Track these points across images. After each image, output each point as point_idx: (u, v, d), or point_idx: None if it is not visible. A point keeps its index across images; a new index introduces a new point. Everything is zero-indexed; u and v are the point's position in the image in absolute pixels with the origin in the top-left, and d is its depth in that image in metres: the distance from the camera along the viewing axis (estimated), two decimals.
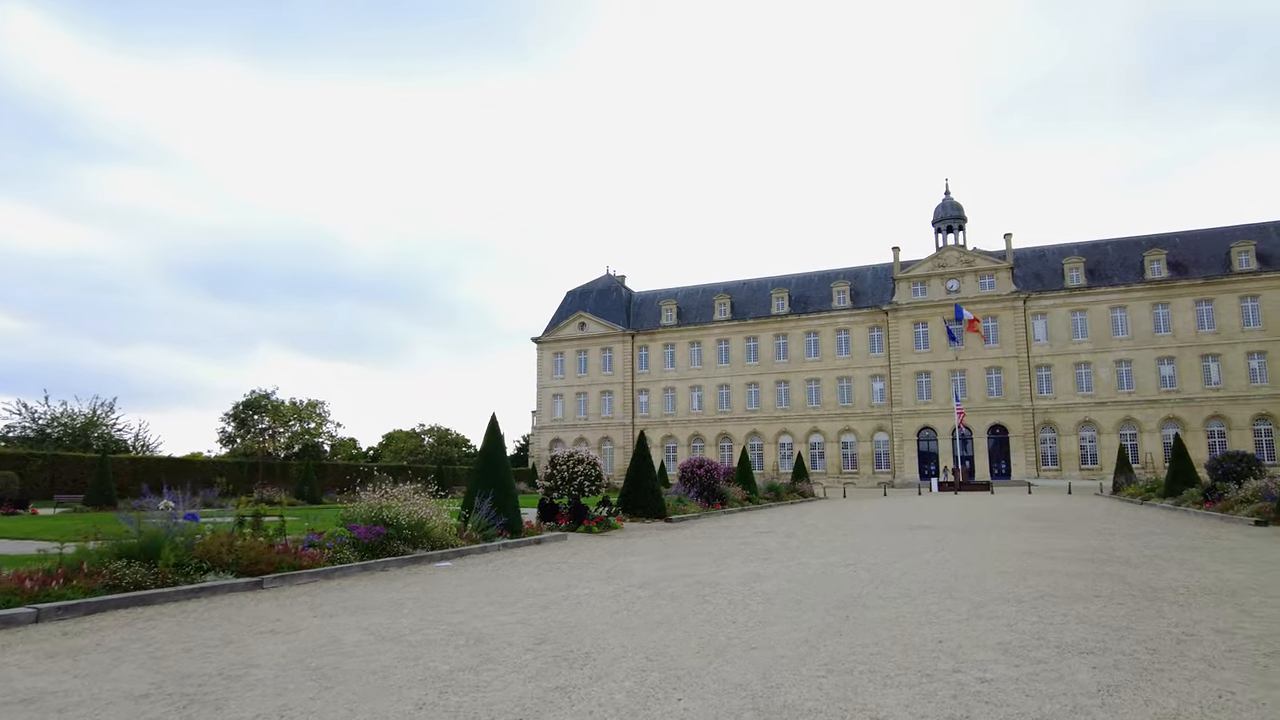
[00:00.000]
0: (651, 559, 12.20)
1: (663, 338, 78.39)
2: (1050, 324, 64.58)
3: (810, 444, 71.74)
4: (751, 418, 73.76)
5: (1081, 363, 63.30)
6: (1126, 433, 61.01)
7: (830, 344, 71.88)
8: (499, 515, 16.62)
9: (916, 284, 69.05)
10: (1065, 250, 67.36)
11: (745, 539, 15.79)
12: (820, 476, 68.76)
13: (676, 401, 77.15)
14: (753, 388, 74.41)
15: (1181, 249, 63.39)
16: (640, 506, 24.25)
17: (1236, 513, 19.53)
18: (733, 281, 79.80)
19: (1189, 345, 60.44)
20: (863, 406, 69.88)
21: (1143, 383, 61.27)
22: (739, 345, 75.34)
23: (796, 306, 73.90)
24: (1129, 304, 62.58)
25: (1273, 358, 58.29)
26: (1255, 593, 8.03)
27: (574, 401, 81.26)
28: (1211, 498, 22.98)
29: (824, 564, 10.97)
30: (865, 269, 74.41)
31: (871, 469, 69.30)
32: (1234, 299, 60.00)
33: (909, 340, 68.48)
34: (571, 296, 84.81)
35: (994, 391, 65.16)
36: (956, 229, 70.36)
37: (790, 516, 24.76)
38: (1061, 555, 11.62)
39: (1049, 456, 63.56)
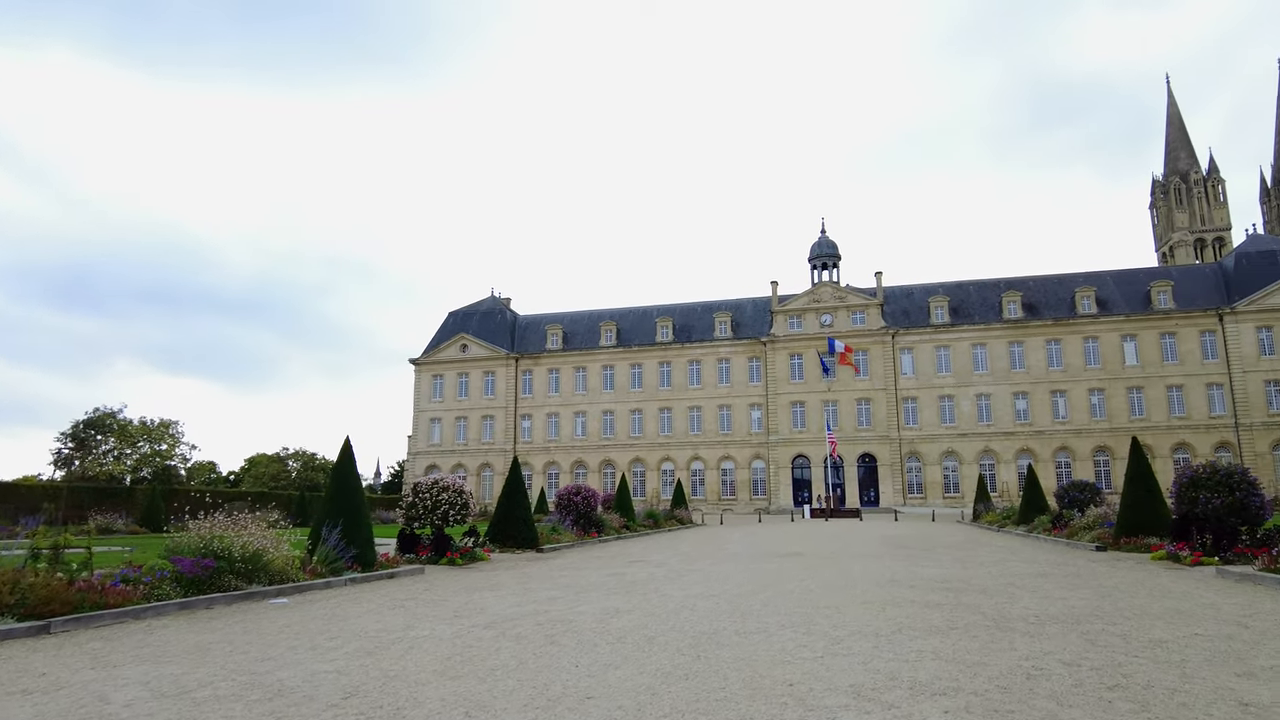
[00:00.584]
0: (509, 594, 11.43)
1: (548, 362, 77.38)
2: (917, 358, 67.83)
3: (691, 471, 72.21)
4: (635, 444, 73.65)
5: (945, 396, 66.69)
6: (985, 463, 64.54)
7: (712, 373, 72.89)
8: (349, 547, 15.38)
9: (793, 317, 71.14)
10: (931, 289, 71.14)
11: (614, 570, 15.21)
12: (700, 503, 69.22)
13: (560, 427, 76.12)
14: (637, 414, 74.40)
15: (1034, 291, 68.17)
16: (511, 537, 23.28)
17: (1080, 539, 20.58)
18: (619, 308, 79.89)
19: (1041, 381, 64.79)
20: (742, 434, 71.05)
21: (1000, 416, 65.13)
22: (624, 372, 75.28)
23: (680, 335, 74.66)
24: (988, 341, 66.59)
25: (1110, 395, 63.26)
26: (1098, 619, 8.13)
27: (453, 426, 78.80)
28: (1059, 524, 24.24)
29: (686, 596, 10.54)
30: (746, 301, 76.10)
31: (749, 496, 70.37)
32: (1078, 340, 64.89)
33: (785, 371, 70.32)
34: (454, 318, 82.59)
35: (864, 422, 67.64)
36: (831, 266, 73.13)
37: (665, 544, 24.40)
38: (922, 584, 11.66)
39: (915, 485, 66.38)
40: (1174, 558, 14.63)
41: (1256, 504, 14.24)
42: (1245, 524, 14.34)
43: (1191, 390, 62.08)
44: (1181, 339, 63.01)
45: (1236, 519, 14.29)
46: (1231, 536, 14.29)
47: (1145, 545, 16.80)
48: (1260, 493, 14.42)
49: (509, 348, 78.38)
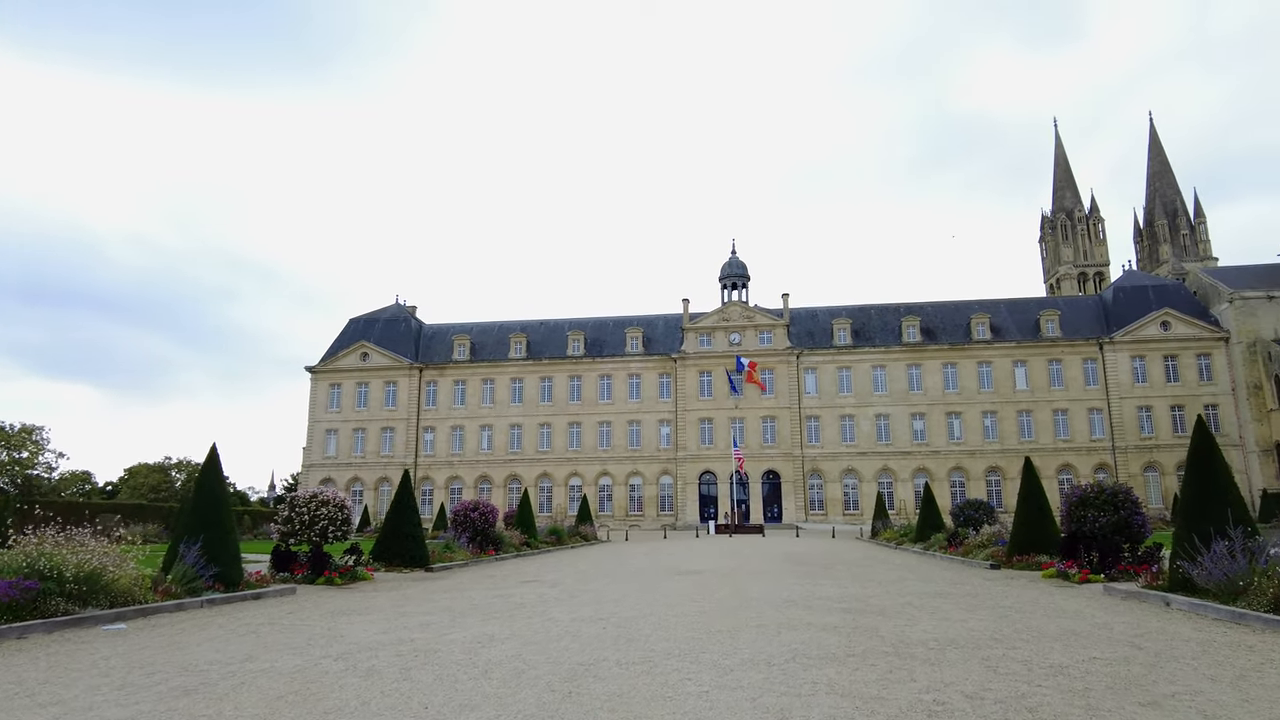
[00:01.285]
0: (378, 618, 10.39)
1: (454, 373, 75.22)
2: (820, 378, 69.16)
3: (600, 486, 71.34)
4: (543, 459, 72.26)
5: (846, 415, 68.17)
6: (884, 481, 66.17)
7: (623, 388, 72.40)
8: (210, 564, 13.95)
9: (703, 335, 71.54)
10: (835, 312, 72.82)
11: (503, 590, 14.28)
12: (607, 519, 68.42)
13: (465, 441, 73.96)
14: (545, 428, 73.08)
15: (932, 316, 70.65)
16: (399, 554, 21.92)
17: (975, 556, 20.83)
18: (529, 320, 78.58)
19: (937, 403, 67.03)
20: (651, 450, 70.72)
21: (898, 436, 66.98)
22: (533, 385, 73.90)
23: (592, 349, 73.92)
24: (888, 364, 68.53)
25: (1002, 417, 65.98)
26: (997, 644, 7.82)
27: (350, 438, 75.53)
28: (955, 542, 24.59)
29: (573, 620, 9.77)
30: (657, 318, 76.09)
31: (656, 511, 69.98)
32: (973, 364, 67.53)
33: (695, 388, 70.53)
34: (355, 325, 79.40)
35: (769, 439, 68.41)
36: (741, 286, 73.96)
37: (564, 562, 23.52)
38: (819, 605, 11.26)
39: (816, 501, 67.45)
40: (1064, 575, 14.79)
41: (1139, 522, 14.56)
42: (1128, 541, 14.64)
43: (1075, 414, 65.39)
44: (1067, 366, 66.39)
45: (1121, 537, 14.57)
46: (1116, 554, 14.55)
47: (1036, 563, 17.02)
48: (1141, 511, 14.77)
49: (413, 357, 75.86)
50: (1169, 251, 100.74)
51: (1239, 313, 64.09)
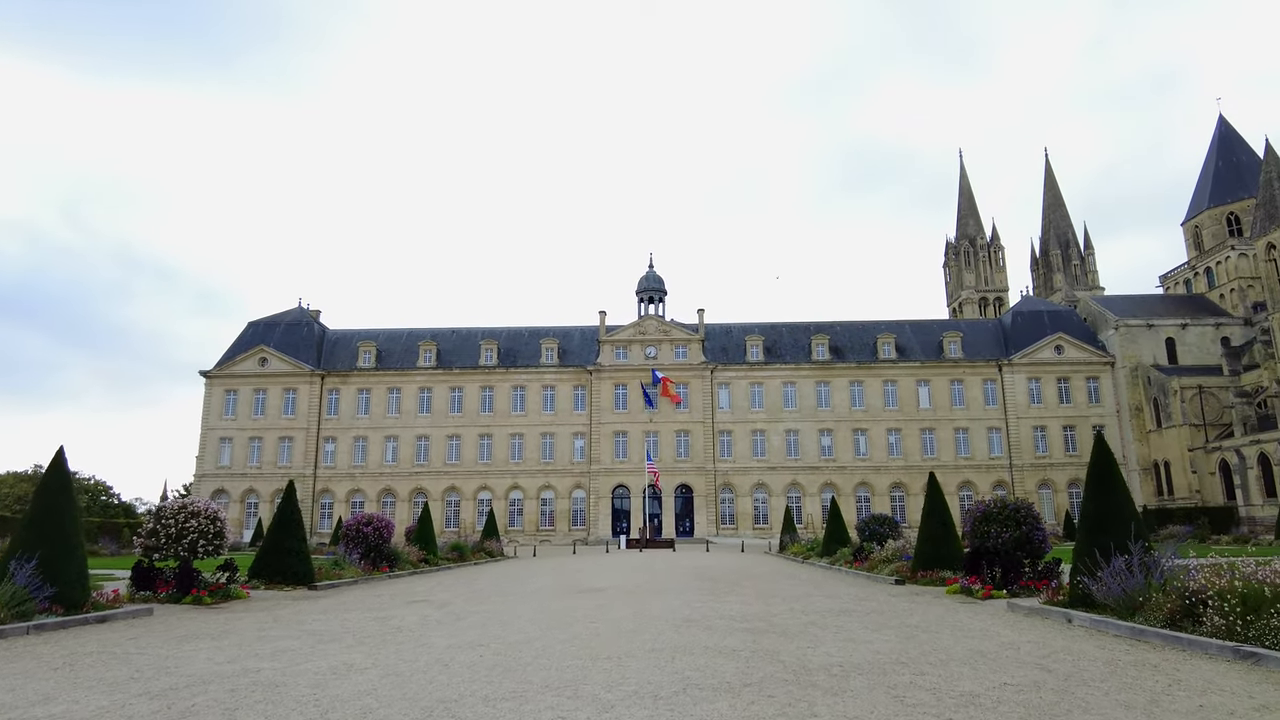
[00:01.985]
0: (232, 644, 9.20)
1: (358, 381, 72.28)
2: (733, 394, 69.58)
3: (510, 500, 69.64)
4: (451, 472, 70.03)
5: (758, 430, 68.72)
6: (793, 495, 66.89)
7: (537, 400, 71.05)
8: (47, 584, 12.37)
9: (619, 348, 71.01)
10: (748, 329, 73.52)
11: (386, 612, 13.15)
12: (517, 534, 66.82)
13: (368, 452, 71.03)
14: (454, 440, 70.92)
15: (841, 335, 72.14)
16: (280, 571, 20.35)
17: (880, 571, 20.75)
18: (440, 328, 76.33)
19: (844, 420, 68.30)
20: (564, 463, 69.53)
21: (807, 451, 67.90)
22: (443, 395, 71.67)
23: (505, 359, 72.32)
24: (798, 380, 69.51)
25: (906, 434, 67.73)
26: (904, 668, 7.33)
27: (246, 447, 71.53)
28: (860, 557, 24.58)
29: (450, 645, 8.84)
30: (574, 329, 75.17)
31: (568, 526, 68.77)
32: (879, 382, 69.17)
33: (610, 400, 69.85)
34: (254, 328, 75.45)
35: (682, 453, 68.30)
36: (658, 300, 73.86)
37: (462, 580, 22.32)
38: (720, 624, 10.64)
39: (728, 515, 67.62)
40: (967, 591, 14.67)
41: (1039, 538, 14.60)
42: (1029, 557, 14.65)
43: (975, 433, 67.70)
44: (968, 386, 68.75)
45: (1022, 552, 14.57)
46: (1017, 569, 14.53)
47: (941, 579, 16.95)
48: (1042, 527, 14.82)
49: (315, 364, 72.57)
50: (1062, 280, 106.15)
51: (1124, 339, 67.76)
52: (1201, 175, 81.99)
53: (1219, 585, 8.35)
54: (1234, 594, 8.03)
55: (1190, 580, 8.90)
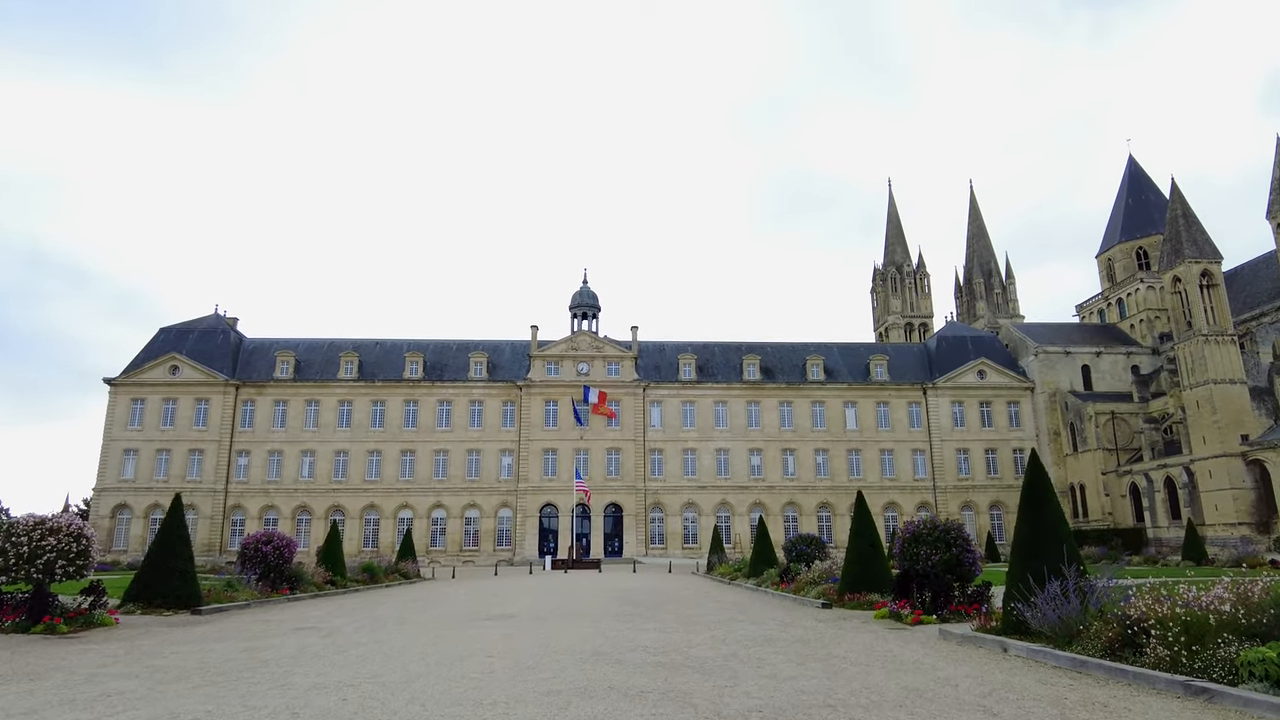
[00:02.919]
0: (51, 688, 7.78)
1: (274, 392, 68.96)
2: (665, 412, 68.94)
3: (433, 519, 67.21)
4: (370, 489, 67.23)
5: (689, 449, 68.16)
6: (722, 515, 66.42)
7: (463, 415, 68.95)
8: None
9: (551, 363, 69.68)
10: (681, 347, 73.15)
11: (262, 642, 11.73)
12: (439, 554, 64.52)
13: (283, 467, 67.67)
14: (375, 456, 68.19)
15: (771, 356, 72.39)
16: (161, 594, 18.55)
17: (806, 594, 20.11)
18: (364, 339, 73.63)
19: (774, 440, 68.33)
20: (490, 481, 67.54)
21: (737, 470, 67.62)
22: (364, 408, 68.93)
23: (432, 373, 70.09)
24: (729, 400, 69.32)
25: (833, 455, 68.12)
26: (833, 713, 6.49)
27: (152, 460, 67.31)
28: (787, 579, 23.96)
29: (313, 687, 7.63)
30: (504, 343, 73.52)
31: (493, 546, 66.69)
32: (807, 403, 69.51)
33: (540, 417, 68.35)
34: (166, 335, 71.39)
35: (613, 472, 67.19)
36: (591, 316, 72.88)
37: (365, 605, 20.77)
38: (633, 659, 9.66)
39: (657, 535, 66.69)
40: (896, 616, 14.06)
41: (970, 560, 14.12)
42: (959, 580, 14.15)
43: (900, 455, 68.55)
44: (893, 408, 69.68)
45: (952, 575, 14.05)
46: (947, 593, 13.99)
47: (869, 602, 16.35)
48: (973, 549, 14.35)
49: (230, 373, 69.02)
50: (984, 307, 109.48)
51: (1043, 365, 69.79)
52: (1113, 211, 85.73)
53: (1160, 613, 7.79)
54: (1177, 622, 7.47)
55: (1128, 606, 8.34)
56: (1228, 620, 6.96)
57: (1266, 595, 7.04)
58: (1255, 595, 7.04)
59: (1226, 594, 7.18)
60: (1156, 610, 7.77)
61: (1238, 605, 6.96)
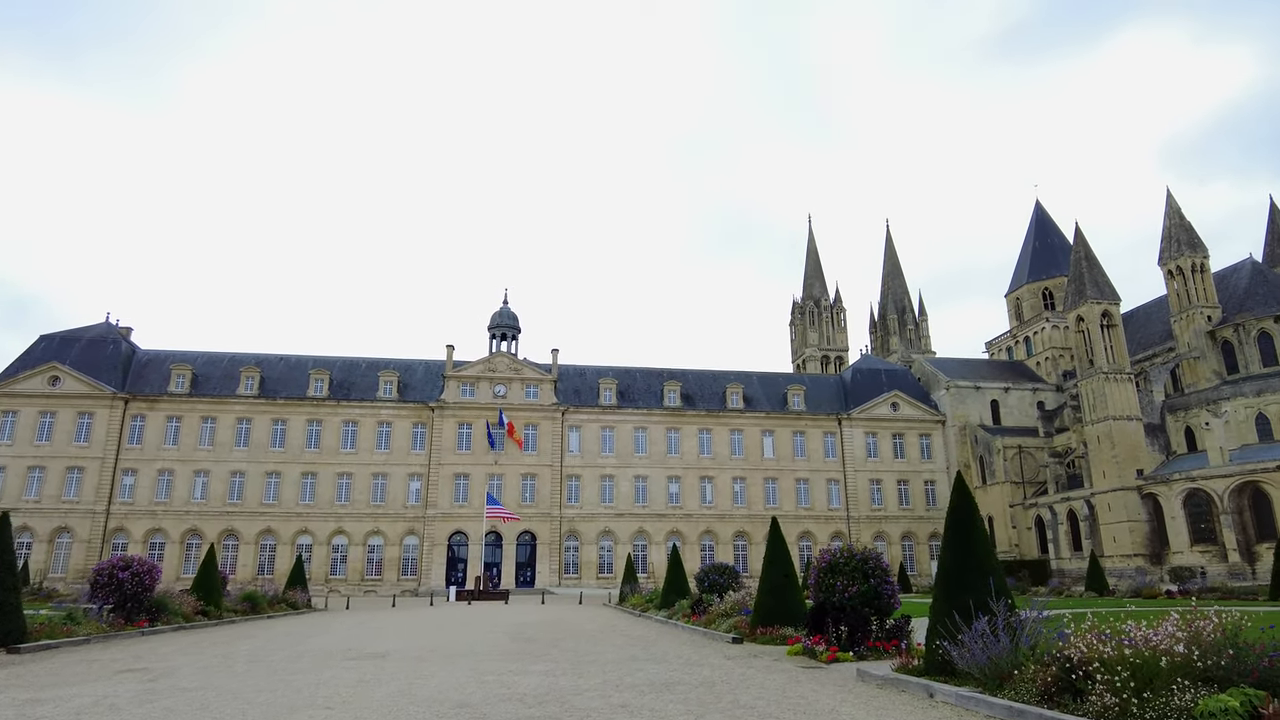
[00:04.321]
0: None
1: (167, 408, 64.34)
2: (584, 437, 67.38)
3: (333, 546, 63.51)
4: (267, 513, 63.14)
5: (607, 476, 66.67)
6: (639, 544, 65.01)
7: (370, 436, 65.75)
8: None
9: (466, 384, 67.34)
10: (602, 371, 71.92)
11: (60, 691, 9.77)
12: (340, 584, 61.01)
13: (174, 487, 62.93)
14: (273, 478, 64.19)
15: (692, 383, 71.87)
16: None
17: (718, 627, 18.97)
18: (267, 354, 69.74)
19: (692, 467, 67.53)
20: (396, 507, 64.39)
21: (654, 498, 66.45)
22: (264, 427, 64.95)
23: (338, 391, 66.75)
24: (649, 426, 68.29)
25: (750, 483, 67.72)
26: None
27: (22, 477, 61.61)
28: (698, 610, 22.81)
29: None
30: (418, 362, 70.81)
31: (397, 575, 63.41)
32: (726, 431, 69.10)
33: (452, 440, 65.75)
34: (47, 342, 65.94)
35: (528, 498, 65.07)
36: (510, 337, 70.90)
37: (225, 640, 18.53)
38: (500, 712, 8.18)
39: (572, 564, 64.74)
40: (810, 653, 12.97)
41: (888, 592, 13.20)
42: (877, 613, 13.20)
43: (815, 484, 68.71)
44: (810, 438, 69.93)
45: (870, 608, 13.09)
46: (865, 627, 13.01)
47: (782, 636, 15.26)
48: (892, 580, 13.45)
49: (119, 386, 64.17)
50: (898, 342, 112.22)
51: (954, 399, 71.35)
52: (1022, 253, 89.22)
53: (1104, 654, 6.86)
54: (1125, 665, 6.55)
55: (1067, 646, 7.40)
56: (1180, 663, 6.07)
57: (1220, 634, 6.19)
58: (1208, 633, 6.18)
59: (1178, 632, 6.29)
60: (1100, 651, 6.85)
61: (1192, 645, 6.08)
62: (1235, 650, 5.92)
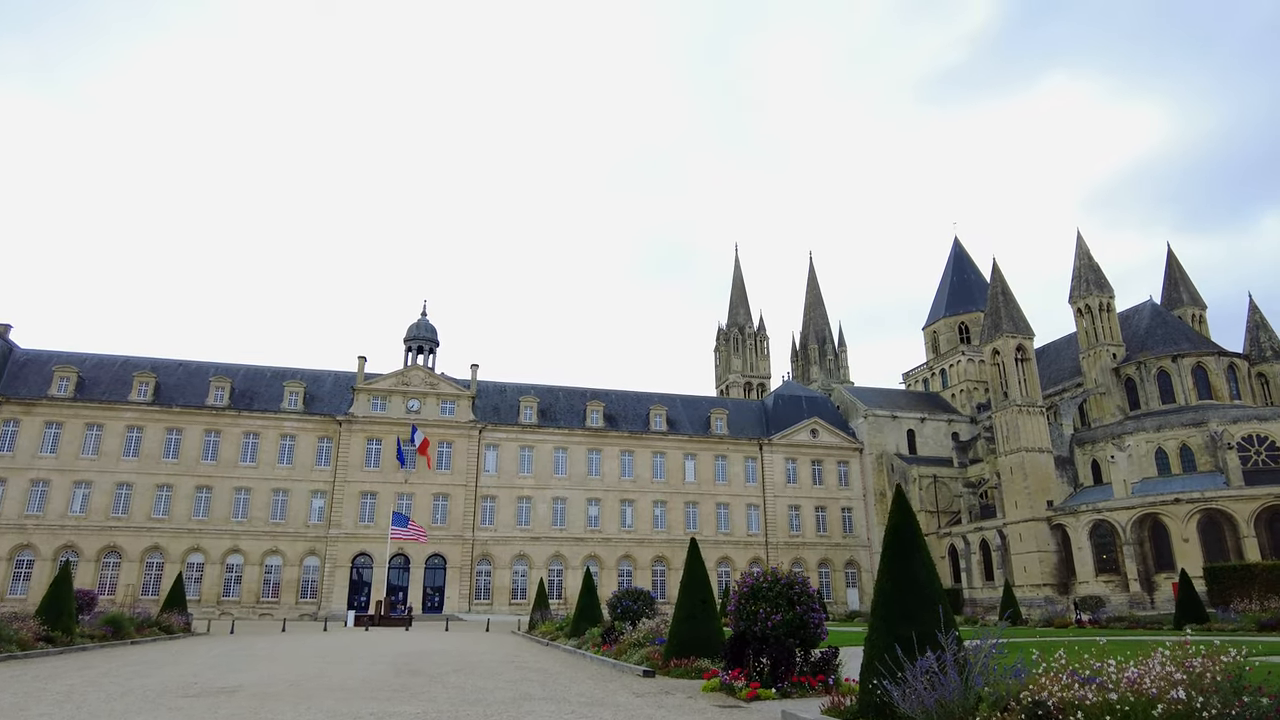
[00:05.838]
0: None
1: (46, 412, 59.11)
2: (501, 456, 65.02)
3: (228, 565, 59.19)
4: (156, 528, 58.41)
5: (524, 497, 64.41)
6: (554, 568, 62.83)
7: (272, 450, 61.84)
8: None
9: (377, 398, 64.24)
10: (523, 389, 69.83)
11: None
12: (233, 606, 56.92)
13: (49, 499, 57.61)
14: (164, 491, 59.51)
15: (615, 404, 70.46)
16: None
17: (629, 658, 17.49)
18: (165, 359, 65.07)
19: (613, 490, 65.85)
20: (297, 525, 60.57)
21: (573, 521, 64.46)
22: (156, 437, 60.31)
23: (239, 401, 62.68)
24: (570, 446, 66.43)
25: (670, 507, 66.47)
26: None
27: None
28: (610, 638, 21.27)
29: None
30: (326, 374, 67.28)
31: (296, 599, 59.47)
32: (649, 453, 67.76)
33: (360, 456, 62.46)
34: None
35: (439, 519, 62.20)
36: (428, 351, 68.23)
37: (58, 672, 16.02)
38: None
39: (483, 589, 62.05)
40: (729, 689, 11.64)
41: (815, 621, 12.01)
42: (803, 644, 11.97)
43: (735, 509, 67.99)
44: (731, 462, 69.30)
45: (795, 639, 11.86)
46: (789, 660, 11.76)
47: (698, 669, 13.91)
48: (818, 608, 12.26)
49: None
50: (818, 372, 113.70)
51: (871, 428, 71.96)
52: (940, 288, 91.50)
53: (1083, 700, 5.70)
54: (1112, 713, 5.41)
55: (1038, 688, 6.23)
56: (1181, 712, 4.96)
57: (1223, 676, 5.11)
58: (1212, 674, 5.09)
59: (1177, 673, 5.18)
60: (1078, 696, 5.70)
61: (1194, 690, 4.98)
62: (1252, 698, 4.83)
